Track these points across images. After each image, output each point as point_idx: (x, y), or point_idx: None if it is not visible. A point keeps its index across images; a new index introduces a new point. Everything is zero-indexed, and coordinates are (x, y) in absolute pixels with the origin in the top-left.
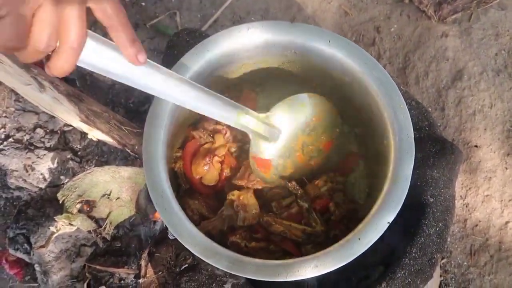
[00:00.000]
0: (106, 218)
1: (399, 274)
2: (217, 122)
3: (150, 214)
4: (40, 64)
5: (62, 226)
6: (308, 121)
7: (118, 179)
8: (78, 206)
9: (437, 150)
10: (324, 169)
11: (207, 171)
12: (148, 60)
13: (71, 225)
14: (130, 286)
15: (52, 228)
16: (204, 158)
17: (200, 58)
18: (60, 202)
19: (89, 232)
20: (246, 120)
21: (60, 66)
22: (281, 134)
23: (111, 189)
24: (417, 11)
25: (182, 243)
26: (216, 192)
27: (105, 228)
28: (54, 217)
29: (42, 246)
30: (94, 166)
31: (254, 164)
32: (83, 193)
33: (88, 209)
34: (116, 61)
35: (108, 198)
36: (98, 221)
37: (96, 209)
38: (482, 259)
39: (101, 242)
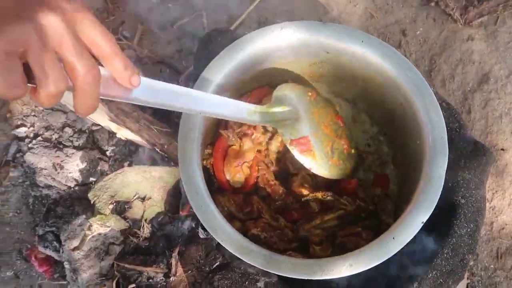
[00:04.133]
0: (141, 218)
1: (430, 275)
2: (241, 124)
3: (180, 211)
4: None
5: (96, 228)
6: (309, 97)
7: (149, 179)
8: (111, 207)
9: (468, 152)
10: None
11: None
12: (145, 78)
13: (105, 226)
14: (159, 285)
15: (85, 229)
16: (235, 159)
17: (233, 58)
18: (92, 202)
19: (128, 234)
20: (258, 115)
21: (86, 105)
22: (298, 110)
23: (142, 189)
24: (443, 14)
25: (217, 240)
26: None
27: (143, 229)
28: (88, 220)
29: (77, 248)
30: (124, 166)
31: (296, 151)
32: (115, 193)
33: (125, 209)
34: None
35: (141, 199)
36: (128, 221)
37: (130, 210)
38: (509, 262)
39: (141, 243)
